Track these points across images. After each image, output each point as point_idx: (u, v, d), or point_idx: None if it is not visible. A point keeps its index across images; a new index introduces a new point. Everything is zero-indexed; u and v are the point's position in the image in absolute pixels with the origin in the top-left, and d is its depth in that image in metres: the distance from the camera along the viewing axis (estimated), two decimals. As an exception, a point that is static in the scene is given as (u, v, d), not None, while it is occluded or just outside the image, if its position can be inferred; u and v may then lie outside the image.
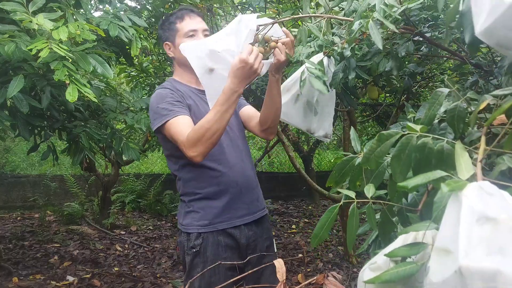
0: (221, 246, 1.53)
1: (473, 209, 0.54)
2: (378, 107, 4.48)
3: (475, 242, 0.52)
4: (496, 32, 0.66)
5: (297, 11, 2.93)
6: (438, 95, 0.76)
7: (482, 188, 0.55)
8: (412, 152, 0.70)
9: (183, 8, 1.65)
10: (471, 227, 0.53)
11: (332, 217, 0.77)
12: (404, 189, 0.62)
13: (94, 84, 2.76)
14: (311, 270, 3.58)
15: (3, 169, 6.16)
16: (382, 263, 0.67)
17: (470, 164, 0.61)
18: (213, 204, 1.54)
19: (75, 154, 2.49)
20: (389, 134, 0.72)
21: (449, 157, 0.67)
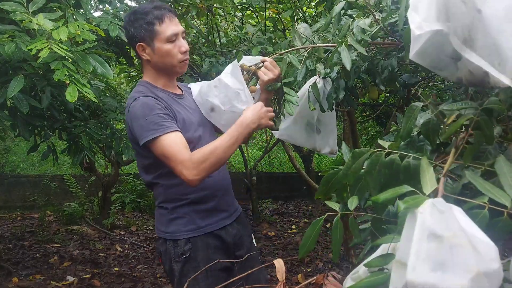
0: (210, 249, 1.52)
1: (425, 225, 0.57)
2: (378, 107, 4.48)
3: (422, 258, 0.56)
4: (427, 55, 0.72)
5: (297, 11, 2.94)
6: (413, 109, 0.81)
7: (435, 205, 0.59)
8: (381, 168, 0.76)
9: (158, 5, 1.48)
10: (421, 243, 0.57)
11: (316, 230, 0.82)
12: (376, 202, 0.68)
13: (94, 84, 2.76)
14: (311, 270, 3.58)
15: (3, 169, 6.16)
16: (362, 273, 0.73)
17: (433, 179, 0.65)
18: (200, 208, 1.53)
19: (75, 154, 2.49)
20: (361, 152, 0.78)
21: (415, 172, 0.71)
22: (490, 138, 0.71)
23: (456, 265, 0.55)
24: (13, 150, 6.87)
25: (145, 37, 1.47)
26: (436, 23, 0.68)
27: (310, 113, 1.56)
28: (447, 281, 0.54)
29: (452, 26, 0.68)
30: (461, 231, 0.56)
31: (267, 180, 6.35)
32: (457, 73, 0.72)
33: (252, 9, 3.40)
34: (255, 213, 4.99)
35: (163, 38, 1.46)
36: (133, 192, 5.74)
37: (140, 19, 1.46)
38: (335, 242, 0.83)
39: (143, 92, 1.49)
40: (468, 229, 0.56)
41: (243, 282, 1.47)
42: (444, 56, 0.71)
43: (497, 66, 0.64)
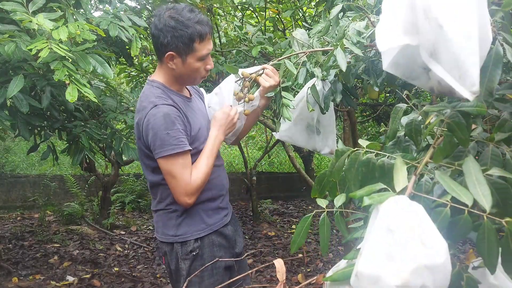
0: (215, 246, 1.57)
1: (383, 220, 0.61)
2: (378, 107, 4.48)
3: (375, 251, 0.60)
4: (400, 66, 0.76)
5: (297, 11, 2.94)
6: (398, 110, 0.86)
7: (396, 202, 0.62)
8: (359, 167, 0.81)
9: (201, 20, 1.43)
10: (377, 237, 0.60)
11: (306, 225, 0.87)
12: (354, 198, 0.73)
13: (94, 84, 2.76)
14: (311, 270, 3.58)
15: (3, 169, 6.15)
16: (342, 266, 0.77)
17: (405, 177, 0.69)
18: (208, 207, 1.57)
19: (75, 154, 2.49)
20: (342, 151, 0.84)
21: (390, 170, 0.76)
22: (463, 140, 0.72)
23: (403, 258, 0.58)
24: (13, 150, 6.87)
25: (181, 49, 1.42)
26: (402, 37, 0.71)
27: (310, 115, 1.58)
28: (390, 271, 0.57)
29: (420, 39, 0.71)
30: (415, 226, 0.59)
31: (267, 180, 6.35)
32: (429, 83, 0.75)
33: (252, 9, 3.40)
34: (255, 213, 4.99)
35: (198, 56, 1.45)
36: (133, 192, 5.74)
37: (181, 31, 1.40)
38: (323, 237, 0.88)
39: (162, 98, 1.47)
40: (422, 224, 0.59)
41: (242, 282, 1.49)
42: (416, 67, 0.74)
43: (459, 79, 0.67)
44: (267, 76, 1.50)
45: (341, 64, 1.17)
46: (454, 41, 0.66)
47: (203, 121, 1.61)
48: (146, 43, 2.73)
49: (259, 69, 1.54)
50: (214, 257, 1.51)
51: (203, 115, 1.64)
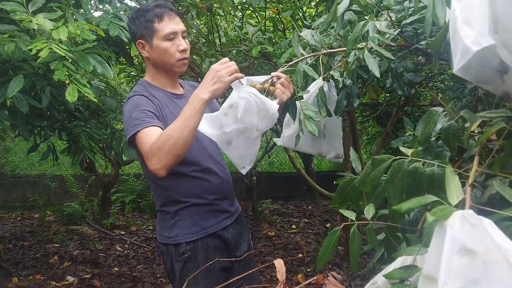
0: (210, 249, 1.54)
1: (455, 239, 0.55)
2: (378, 107, 4.48)
3: (454, 273, 0.53)
4: (471, 70, 0.70)
5: (297, 11, 2.94)
6: (433, 114, 0.79)
7: (465, 218, 0.56)
8: (404, 177, 0.73)
9: (160, 4, 1.50)
10: (452, 257, 0.54)
11: (334, 240, 0.79)
12: (399, 212, 0.65)
13: (94, 84, 2.76)
14: (311, 270, 3.58)
15: (3, 169, 6.15)
16: (381, 284, 0.69)
17: (460, 189, 0.62)
18: (202, 209, 1.54)
19: (75, 154, 2.49)
20: (382, 159, 0.75)
21: (440, 181, 0.69)
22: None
23: (490, 282, 0.52)
24: (13, 150, 6.87)
25: (145, 34, 1.48)
26: (490, 38, 0.66)
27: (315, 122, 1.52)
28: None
29: (501, 37, 0.66)
30: (495, 246, 0.53)
31: (267, 180, 6.35)
32: (503, 86, 0.70)
33: (252, 9, 3.40)
34: (255, 213, 4.98)
35: (161, 36, 1.47)
36: (133, 192, 5.74)
37: (141, 17, 1.49)
38: (353, 253, 0.80)
39: (138, 92, 1.50)
40: (502, 243, 0.54)
41: (242, 282, 1.48)
42: (489, 70, 0.69)
43: None
44: (283, 87, 1.34)
45: (373, 70, 1.05)
46: None
47: None
48: (146, 43, 2.71)
49: (269, 78, 1.38)
50: (209, 259, 1.47)
51: None
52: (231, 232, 1.62)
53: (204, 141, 1.57)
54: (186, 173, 1.51)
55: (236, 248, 1.64)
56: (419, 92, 3.53)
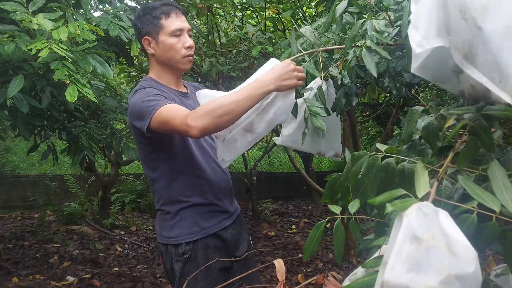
0: (210, 249, 1.53)
1: (409, 228, 0.59)
2: (378, 107, 4.48)
3: (402, 259, 0.58)
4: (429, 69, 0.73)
5: (297, 11, 2.94)
6: (414, 113, 0.82)
7: (420, 208, 0.60)
8: (378, 171, 0.78)
9: (167, 2, 1.53)
10: (403, 244, 0.58)
11: (319, 232, 0.83)
12: (373, 204, 0.69)
13: (94, 84, 2.76)
14: (311, 270, 3.58)
15: (3, 169, 6.15)
16: (360, 274, 0.75)
17: (427, 183, 0.66)
18: (203, 209, 1.54)
19: (75, 154, 2.49)
20: (359, 155, 0.81)
21: (410, 175, 0.73)
22: (488, 145, 0.69)
23: (430, 266, 0.56)
24: (13, 150, 6.87)
25: (151, 30, 1.50)
26: (436, 39, 0.68)
27: None
28: (419, 282, 0.56)
29: (453, 40, 0.68)
30: (441, 234, 0.57)
31: (267, 180, 6.34)
32: (459, 86, 0.72)
33: (252, 9, 3.40)
34: (255, 213, 4.98)
35: (168, 32, 1.48)
36: (133, 192, 5.74)
37: (148, 14, 1.51)
38: (337, 245, 0.84)
39: (142, 86, 1.49)
40: (450, 232, 0.57)
41: (242, 282, 1.48)
42: (446, 69, 0.71)
43: (498, 83, 0.63)
44: None
45: (371, 69, 1.06)
46: (494, 43, 0.62)
47: None
48: (146, 43, 2.71)
49: None
50: (209, 259, 1.48)
51: None
52: (231, 232, 1.61)
53: (205, 140, 1.58)
54: (187, 172, 1.51)
55: (235, 248, 1.64)
56: (419, 92, 3.53)
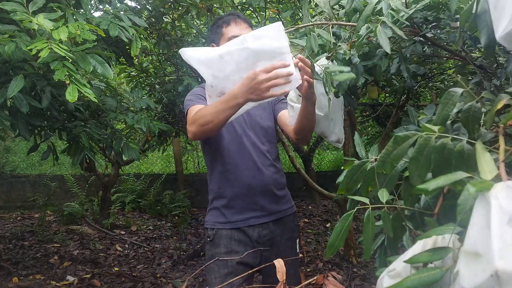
0: (234, 240, 1.63)
1: (504, 209, 0.51)
2: (378, 107, 4.48)
3: (509, 244, 0.50)
4: None
5: (297, 11, 2.94)
6: (452, 95, 0.73)
7: (510, 187, 0.52)
8: (431, 154, 0.67)
9: (232, 12, 1.71)
10: (503, 228, 0.50)
11: (347, 224, 0.74)
12: (424, 192, 0.60)
13: (94, 84, 2.76)
14: (311, 270, 3.58)
15: (3, 169, 6.15)
16: (401, 270, 0.65)
17: (493, 164, 0.58)
18: (229, 203, 1.64)
19: (75, 154, 2.49)
20: (406, 136, 0.69)
21: (470, 157, 0.64)
22: None
23: None
24: (13, 150, 6.87)
25: (215, 38, 1.65)
26: None
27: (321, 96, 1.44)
28: None
29: None
30: None
31: (267, 180, 6.33)
32: None
33: (252, 9, 3.40)
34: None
35: (225, 39, 1.59)
36: (133, 192, 5.75)
37: (215, 24, 1.68)
38: (367, 238, 0.74)
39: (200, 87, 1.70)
40: None
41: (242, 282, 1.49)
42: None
43: None
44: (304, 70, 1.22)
45: (385, 46, 1.01)
46: None
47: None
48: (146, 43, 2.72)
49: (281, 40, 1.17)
50: (230, 249, 1.61)
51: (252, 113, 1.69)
52: (260, 231, 1.64)
53: (249, 138, 1.66)
54: (221, 167, 1.65)
55: (264, 247, 1.65)
56: (419, 92, 3.53)
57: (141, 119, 2.58)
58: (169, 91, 3.61)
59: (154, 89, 3.97)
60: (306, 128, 1.53)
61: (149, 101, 2.97)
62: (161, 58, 3.90)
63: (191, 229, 5.04)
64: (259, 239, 1.64)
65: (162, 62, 3.95)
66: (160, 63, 3.95)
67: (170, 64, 4.02)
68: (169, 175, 6.18)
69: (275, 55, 1.15)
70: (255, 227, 1.64)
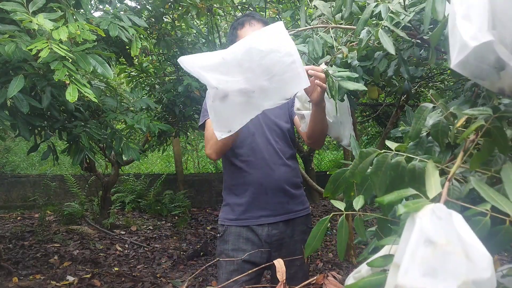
0: (242, 238, 1.64)
1: (423, 231, 0.57)
2: (378, 107, 4.48)
3: (416, 263, 0.55)
4: (469, 65, 0.70)
5: (297, 11, 2.94)
6: (423, 110, 0.80)
7: (434, 211, 0.58)
8: (387, 170, 0.75)
9: (247, 14, 1.73)
10: (417, 247, 0.56)
11: (322, 228, 0.82)
12: (382, 204, 0.67)
13: (94, 84, 2.76)
14: (311, 270, 3.58)
15: (3, 169, 6.16)
16: (365, 272, 0.72)
17: (438, 183, 0.64)
18: (239, 201, 1.66)
19: (75, 154, 2.49)
20: (368, 152, 0.78)
21: (421, 175, 0.71)
22: (504, 147, 0.67)
23: (447, 272, 0.55)
24: (13, 150, 6.87)
25: (232, 41, 1.65)
26: (489, 34, 0.65)
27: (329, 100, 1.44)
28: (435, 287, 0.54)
29: (498, 34, 0.65)
30: (457, 239, 0.56)
31: (267, 180, 6.33)
32: (499, 83, 0.70)
33: (252, 9, 3.40)
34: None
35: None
36: (133, 192, 5.74)
37: (232, 26, 1.72)
38: (340, 241, 0.83)
39: None
40: (465, 236, 0.56)
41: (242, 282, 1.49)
42: (486, 66, 0.69)
43: None
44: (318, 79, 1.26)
45: (389, 48, 1.02)
46: None
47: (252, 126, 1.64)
48: (146, 43, 2.73)
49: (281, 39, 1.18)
50: (238, 247, 1.63)
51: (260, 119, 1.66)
52: (269, 231, 1.64)
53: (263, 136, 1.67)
54: (233, 162, 1.67)
55: (273, 249, 1.65)
56: (418, 92, 3.53)
57: (141, 119, 2.58)
58: (169, 91, 3.61)
59: (154, 89, 3.97)
60: (317, 133, 1.58)
61: (149, 101, 2.98)
62: (161, 58, 3.90)
63: (191, 229, 5.05)
64: (268, 239, 1.64)
65: (162, 62, 3.96)
66: (160, 63, 3.95)
67: (170, 64, 4.02)
68: (169, 175, 6.18)
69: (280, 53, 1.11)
70: (264, 226, 1.64)
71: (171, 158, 7.42)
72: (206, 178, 6.31)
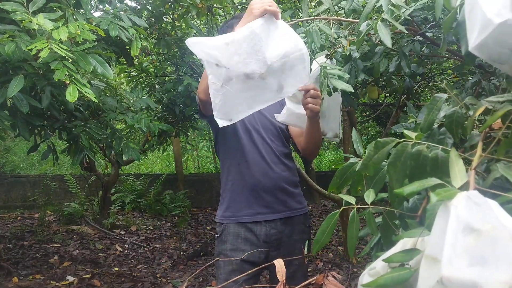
0: (240, 238, 1.63)
1: (460, 219, 0.54)
2: (378, 107, 4.48)
3: (459, 252, 0.52)
4: (487, 48, 0.68)
5: (297, 11, 2.94)
6: (437, 100, 0.77)
7: (470, 198, 0.55)
8: (407, 160, 0.71)
9: (236, 15, 1.72)
10: (456, 237, 0.53)
11: (332, 223, 0.78)
12: (400, 196, 0.63)
13: (94, 84, 2.76)
14: (311, 270, 3.58)
15: (3, 169, 6.15)
16: (380, 268, 0.68)
17: (464, 172, 0.61)
18: (236, 198, 1.65)
19: (75, 154, 2.49)
20: (385, 142, 0.72)
21: (444, 164, 0.68)
22: None
23: (498, 258, 0.51)
24: (13, 150, 6.87)
25: None
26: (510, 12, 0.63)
27: None
28: (488, 276, 0.51)
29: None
30: (501, 224, 0.53)
31: (267, 180, 6.33)
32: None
33: (252, 9, 3.39)
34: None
35: None
36: (133, 192, 5.74)
37: (221, 30, 1.70)
38: (351, 237, 0.78)
39: None
40: (507, 222, 0.53)
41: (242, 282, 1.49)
42: (506, 49, 0.67)
43: None
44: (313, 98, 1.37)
45: (386, 41, 1.02)
46: None
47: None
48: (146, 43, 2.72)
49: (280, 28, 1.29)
50: (237, 247, 1.62)
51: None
52: (267, 230, 1.64)
53: (259, 134, 1.67)
54: (230, 159, 1.67)
55: (272, 248, 1.65)
56: (419, 92, 3.53)
57: (141, 119, 2.58)
58: (169, 91, 3.61)
59: (154, 89, 3.97)
60: (311, 145, 1.63)
61: (149, 101, 2.98)
62: (161, 58, 3.90)
63: (191, 229, 5.05)
64: (266, 239, 1.63)
65: (162, 62, 3.95)
66: (160, 63, 3.95)
67: (170, 64, 4.02)
68: (169, 175, 6.18)
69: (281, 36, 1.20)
70: (262, 225, 1.63)
71: (171, 158, 7.42)
72: (206, 178, 6.31)
